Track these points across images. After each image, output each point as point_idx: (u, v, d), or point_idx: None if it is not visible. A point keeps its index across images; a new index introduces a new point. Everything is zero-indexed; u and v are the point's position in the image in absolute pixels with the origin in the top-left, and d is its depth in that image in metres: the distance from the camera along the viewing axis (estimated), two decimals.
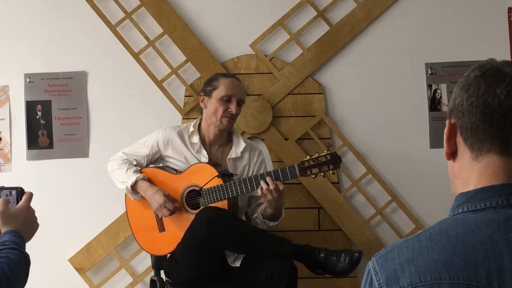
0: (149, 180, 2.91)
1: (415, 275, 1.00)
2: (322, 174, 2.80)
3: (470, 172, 1.10)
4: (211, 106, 2.94)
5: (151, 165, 3.03)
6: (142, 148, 3.00)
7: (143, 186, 2.88)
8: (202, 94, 3.00)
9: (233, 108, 2.91)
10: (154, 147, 2.99)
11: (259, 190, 2.75)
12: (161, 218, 2.90)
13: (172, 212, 2.84)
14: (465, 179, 1.11)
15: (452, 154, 1.14)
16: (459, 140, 1.12)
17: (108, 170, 3.00)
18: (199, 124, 3.04)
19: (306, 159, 2.80)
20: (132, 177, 2.88)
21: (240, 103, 2.96)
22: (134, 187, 2.89)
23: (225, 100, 2.91)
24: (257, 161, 3.05)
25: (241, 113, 3.00)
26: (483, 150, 1.08)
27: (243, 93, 3.01)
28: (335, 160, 2.79)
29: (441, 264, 1.00)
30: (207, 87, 2.99)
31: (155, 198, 2.83)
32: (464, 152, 1.11)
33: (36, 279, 3.51)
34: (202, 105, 3.00)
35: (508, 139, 1.07)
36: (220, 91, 2.92)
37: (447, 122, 1.14)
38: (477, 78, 1.09)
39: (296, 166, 2.78)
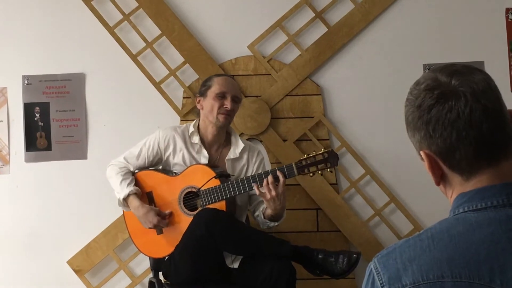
0: (141, 195, 2.92)
1: (417, 273, 1.01)
2: (319, 172, 2.80)
3: (464, 189, 1.10)
4: (207, 105, 2.95)
5: (151, 168, 3.03)
6: (142, 150, 3.00)
7: (134, 204, 2.89)
8: (198, 95, 3.02)
9: (228, 104, 2.92)
10: (155, 148, 2.99)
11: (255, 189, 2.75)
12: None
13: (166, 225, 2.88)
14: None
15: (441, 177, 1.14)
16: (444, 167, 1.11)
17: (106, 175, 3.01)
18: (198, 125, 3.04)
19: (303, 157, 2.80)
20: (124, 191, 2.89)
21: (235, 100, 2.96)
22: (126, 200, 2.91)
23: (220, 97, 2.93)
24: (256, 161, 3.04)
25: (239, 114, 2.98)
26: (472, 172, 1.09)
27: (237, 90, 3.02)
28: (332, 158, 2.79)
29: (443, 262, 1.00)
30: (201, 88, 3.02)
31: (148, 218, 2.85)
32: (453, 176, 1.12)
33: (35, 281, 3.54)
34: (198, 106, 3.02)
35: (491, 149, 1.08)
36: (214, 89, 2.94)
37: (422, 155, 1.13)
38: (434, 107, 1.09)
39: (293, 164, 2.78)
